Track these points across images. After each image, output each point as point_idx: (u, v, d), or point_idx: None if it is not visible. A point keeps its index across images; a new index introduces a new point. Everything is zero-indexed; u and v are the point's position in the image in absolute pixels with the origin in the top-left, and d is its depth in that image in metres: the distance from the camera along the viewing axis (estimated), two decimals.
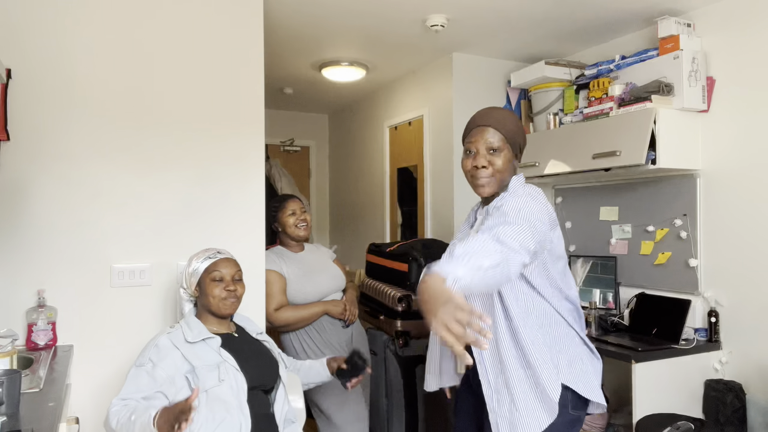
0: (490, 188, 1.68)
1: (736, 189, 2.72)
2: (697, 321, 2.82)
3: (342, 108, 5.47)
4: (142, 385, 1.73)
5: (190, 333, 1.84)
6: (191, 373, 1.76)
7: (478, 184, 1.69)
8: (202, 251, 1.98)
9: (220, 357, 1.82)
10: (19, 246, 2.18)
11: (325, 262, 2.71)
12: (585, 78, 3.23)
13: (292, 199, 2.68)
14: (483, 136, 1.66)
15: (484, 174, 1.66)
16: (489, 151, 1.66)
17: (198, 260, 1.94)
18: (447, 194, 3.74)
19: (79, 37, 2.28)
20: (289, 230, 2.62)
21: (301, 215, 2.63)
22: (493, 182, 1.67)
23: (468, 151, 1.70)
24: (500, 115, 1.69)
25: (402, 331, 3.06)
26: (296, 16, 3.03)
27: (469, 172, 1.70)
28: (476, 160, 1.67)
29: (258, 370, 1.88)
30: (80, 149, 2.28)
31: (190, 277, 1.93)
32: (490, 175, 1.66)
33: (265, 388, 1.91)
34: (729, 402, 2.57)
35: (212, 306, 1.89)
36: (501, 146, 1.66)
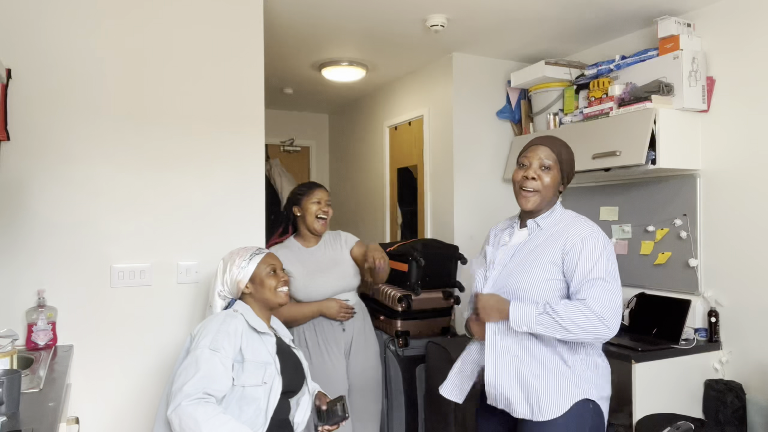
0: (533, 202, 1.80)
1: (736, 189, 2.72)
2: (697, 321, 2.82)
3: (342, 108, 5.47)
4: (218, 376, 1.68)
5: (254, 321, 1.85)
6: (239, 364, 1.75)
7: (523, 195, 1.81)
8: (240, 251, 1.96)
9: (270, 358, 1.81)
10: (19, 246, 2.18)
11: (338, 259, 2.59)
12: (585, 78, 3.23)
13: (320, 188, 2.57)
14: (538, 153, 1.81)
15: (532, 185, 1.79)
16: (541, 167, 1.80)
17: (244, 259, 1.92)
18: (447, 194, 3.74)
19: (79, 38, 2.28)
20: (308, 218, 2.52)
21: (324, 206, 2.54)
22: (537, 197, 1.79)
23: (521, 164, 1.84)
24: (558, 142, 1.85)
25: (402, 331, 3.06)
26: (296, 16, 3.03)
27: (518, 182, 1.83)
28: (527, 172, 1.80)
29: (291, 376, 1.88)
30: (80, 149, 2.28)
31: (236, 276, 1.90)
32: (537, 189, 1.79)
33: (290, 395, 1.91)
34: (729, 402, 2.57)
35: (270, 298, 1.90)
36: (552, 165, 1.80)
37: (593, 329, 1.62)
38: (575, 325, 1.61)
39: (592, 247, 1.70)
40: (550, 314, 1.63)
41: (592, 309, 1.62)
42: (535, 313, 1.65)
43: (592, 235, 1.73)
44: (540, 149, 1.81)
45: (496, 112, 3.80)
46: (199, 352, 1.70)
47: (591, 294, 1.64)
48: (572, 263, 1.70)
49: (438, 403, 2.86)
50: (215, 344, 1.72)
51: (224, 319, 1.80)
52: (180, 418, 1.60)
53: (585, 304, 1.63)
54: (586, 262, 1.68)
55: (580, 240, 1.72)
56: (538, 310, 1.65)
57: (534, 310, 1.66)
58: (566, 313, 1.62)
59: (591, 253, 1.69)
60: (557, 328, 1.63)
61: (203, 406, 1.62)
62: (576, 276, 1.69)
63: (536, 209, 1.81)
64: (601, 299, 1.63)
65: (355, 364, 2.53)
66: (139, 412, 2.35)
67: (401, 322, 3.06)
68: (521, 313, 1.66)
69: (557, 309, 1.63)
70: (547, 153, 1.80)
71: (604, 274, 1.67)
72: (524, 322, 1.66)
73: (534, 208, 1.81)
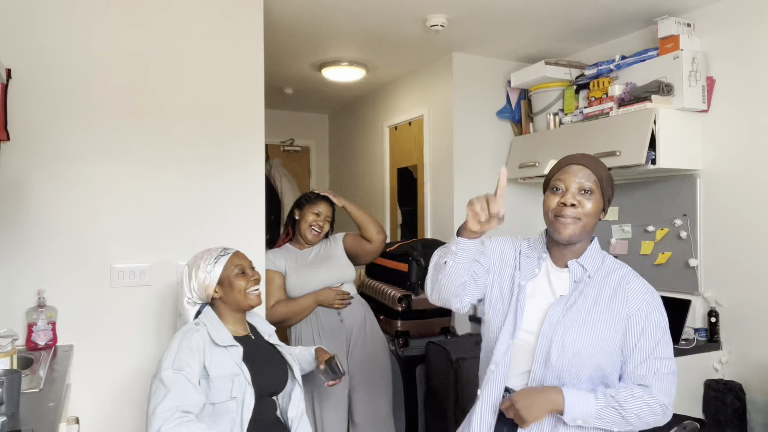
0: (572, 231, 1.46)
1: (736, 189, 2.72)
2: (697, 321, 2.82)
3: (342, 108, 5.47)
4: (188, 392, 1.64)
5: (217, 335, 1.77)
6: (205, 380, 1.70)
7: (559, 224, 1.47)
8: (204, 254, 1.89)
9: (237, 369, 1.75)
10: (19, 246, 2.18)
11: (331, 255, 2.65)
12: (585, 78, 3.23)
13: (326, 203, 2.65)
14: (576, 175, 1.48)
15: (571, 213, 1.46)
16: (580, 191, 1.48)
17: (209, 263, 1.85)
18: (447, 194, 3.74)
19: (79, 37, 2.28)
20: (302, 226, 2.61)
21: (321, 221, 2.61)
22: (578, 226, 1.47)
23: (555, 188, 1.50)
24: (595, 160, 1.53)
25: (402, 331, 3.06)
26: (296, 16, 3.03)
27: (553, 210, 1.49)
28: (564, 198, 1.47)
29: (270, 379, 1.85)
30: (80, 149, 2.28)
31: (204, 281, 1.84)
32: (577, 216, 1.46)
33: (275, 394, 1.90)
34: (729, 402, 2.57)
35: (241, 301, 1.83)
36: (593, 189, 1.48)
37: (654, 422, 1.42)
38: (638, 418, 1.40)
39: (658, 316, 1.45)
40: (616, 408, 1.38)
41: (658, 401, 1.41)
42: (595, 406, 1.38)
43: (655, 299, 1.47)
44: (577, 170, 1.49)
45: (496, 112, 3.80)
46: (163, 375, 1.64)
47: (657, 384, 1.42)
48: (635, 334, 1.44)
49: (438, 403, 2.86)
50: (178, 363, 1.67)
51: (184, 335, 1.75)
52: None
53: (651, 395, 1.40)
54: (651, 337, 1.44)
55: (646, 305, 1.45)
56: (598, 403, 1.38)
57: (593, 401, 1.38)
58: (632, 408, 1.39)
59: (656, 326, 1.45)
60: (619, 422, 1.40)
61: (185, 426, 1.58)
62: (638, 352, 1.43)
63: (575, 240, 1.49)
64: (666, 390, 1.42)
65: (355, 359, 2.54)
66: (139, 412, 2.34)
67: (401, 322, 3.06)
68: (580, 405, 1.38)
69: (622, 402, 1.38)
70: (587, 174, 1.48)
71: (668, 353, 1.44)
72: (581, 415, 1.38)
73: (572, 237, 1.47)
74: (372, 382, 2.58)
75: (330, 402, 2.45)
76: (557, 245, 1.53)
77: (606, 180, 1.52)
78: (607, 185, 1.52)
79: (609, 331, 1.43)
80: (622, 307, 1.45)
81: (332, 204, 2.67)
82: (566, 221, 1.46)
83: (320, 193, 2.70)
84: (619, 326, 1.44)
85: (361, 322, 2.61)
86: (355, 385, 2.55)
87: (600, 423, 1.40)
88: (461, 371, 2.71)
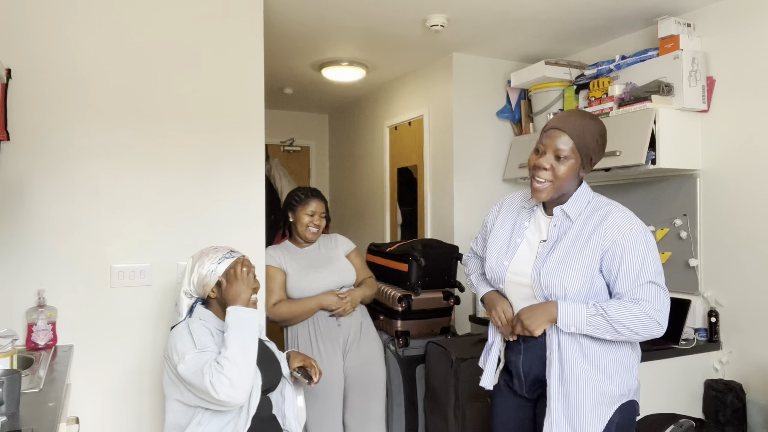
0: (545, 194, 1.68)
1: (736, 189, 2.72)
2: (697, 321, 2.82)
3: (342, 108, 5.47)
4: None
5: (215, 322, 1.81)
6: None
7: (533, 187, 1.70)
8: (211, 251, 1.89)
9: None
10: (19, 246, 2.18)
11: (333, 257, 2.63)
12: (585, 78, 3.23)
13: (317, 199, 2.60)
14: (555, 140, 1.66)
15: (544, 176, 1.67)
16: (556, 156, 1.66)
17: (213, 261, 1.85)
18: (447, 194, 3.74)
19: (79, 37, 2.28)
20: (299, 228, 2.58)
21: (317, 219, 2.58)
22: (549, 189, 1.67)
23: (537, 149, 1.71)
24: (579, 124, 1.66)
25: (402, 331, 3.06)
26: (296, 16, 3.03)
27: (530, 168, 1.71)
28: (540, 160, 1.67)
29: (266, 375, 1.86)
30: (80, 149, 2.28)
31: (204, 278, 1.84)
32: (548, 179, 1.66)
33: (269, 391, 1.91)
34: (729, 402, 2.57)
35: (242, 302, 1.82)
36: (569, 155, 1.65)
37: (646, 332, 1.58)
38: (626, 327, 1.57)
39: (635, 244, 1.60)
40: (603, 316, 1.57)
41: (646, 312, 1.57)
42: (585, 314, 1.59)
43: (634, 230, 1.62)
44: (558, 135, 1.65)
45: (496, 112, 3.80)
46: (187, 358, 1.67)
47: (645, 297, 1.58)
48: (614, 265, 1.61)
49: (438, 403, 2.86)
50: (201, 345, 1.71)
51: (188, 326, 1.77)
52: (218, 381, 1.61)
53: (639, 307, 1.57)
54: (631, 265, 1.59)
55: (621, 237, 1.61)
56: (589, 311, 1.59)
57: (584, 310, 1.60)
58: (620, 316, 1.56)
59: (634, 251, 1.60)
60: (608, 329, 1.58)
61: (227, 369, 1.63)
62: (622, 279, 1.60)
63: (549, 200, 1.71)
64: (654, 303, 1.58)
65: (351, 361, 2.54)
66: (139, 412, 2.35)
67: (401, 322, 3.06)
68: (571, 314, 1.60)
69: (609, 311, 1.57)
70: (565, 140, 1.64)
71: (654, 276, 1.59)
72: (573, 323, 1.60)
73: (546, 200, 1.71)
74: (367, 384, 2.58)
75: (325, 403, 2.45)
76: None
77: (587, 142, 1.66)
78: (589, 146, 1.66)
79: (586, 267, 1.62)
80: (599, 243, 1.63)
81: (323, 198, 2.64)
82: (539, 186, 1.68)
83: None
84: (594, 262, 1.62)
85: (357, 326, 2.61)
86: (349, 386, 2.55)
87: (590, 330, 1.59)
88: (461, 371, 2.71)
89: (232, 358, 1.64)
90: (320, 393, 2.43)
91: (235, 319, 1.71)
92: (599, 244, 1.63)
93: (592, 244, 1.63)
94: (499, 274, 1.79)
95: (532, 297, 1.72)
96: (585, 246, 1.64)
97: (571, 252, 1.65)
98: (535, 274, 1.69)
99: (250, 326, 1.72)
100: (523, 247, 1.77)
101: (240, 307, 1.74)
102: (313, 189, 2.66)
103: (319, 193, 2.64)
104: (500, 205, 1.94)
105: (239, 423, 1.73)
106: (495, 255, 1.83)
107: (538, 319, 1.65)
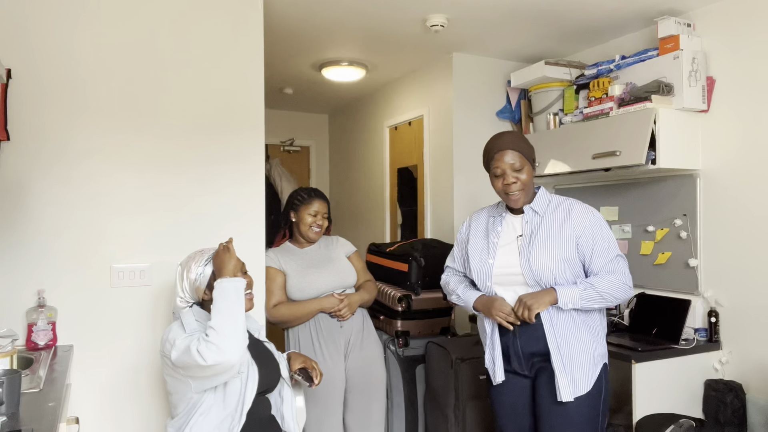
0: (522, 200, 2.05)
1: (736, 189, 2.72)
2: (697, 321, 2.82)
3: (342, 108, 5.47)
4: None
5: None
6: None
7: (511, 199, 2.05)
8: (197, 255, 1.90)
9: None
10: (19, 246, 2.18)
11: (333, 257, 2.63)
12: (585, 78, 3.23)
13: (320, 199, 2.60)
14: (506, 159, 2.01)
15: (515, 189, 2.02)
16: (513, 171, 2.01)
17: (200, 264, 1.85)
18: (447, 194, 3.74)
19: (79, 37, 2.29)
20: (302, 227, 2.57)
21: (320, 219, 2.57)
22: (523, 195, 2.05)
23: (495, 175, 2.05)
24: (512, 138, 2.04)
25: (402, 331, 3.06)
26: (296, 16, 3.03)
27: (501, 191, 2.06)
28: (506, 179, 2.02)
29: (264, 374, 1.86)
30: (80, 149, 2.28)
31: (194, 282, 1.84)
32: (520, 189, 2.03)
33: (268, 392, 1.91)
34: (729, 402, 2.57)
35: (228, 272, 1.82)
36: (522, 164, 2.02)
37: (623, 295, 2.00)
38: (611, 294, 1.97)
39: (600, 228, 2.02)
40: (593, 289, 1.95)
41: (622, 280, 1.99)
42: (579, 291, 1.95)
43: (595, 217, 2.04)
44: (505, 155, 2.01)
45: (496, 112, 3.80)
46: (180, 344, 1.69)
47: (617, 269, 2.00)
48: (588, 247, 2.00)
49: (438, 403, 2.86)
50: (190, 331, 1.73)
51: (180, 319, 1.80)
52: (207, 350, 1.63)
53: (615, 276, 1.98)
54: (601, 245, 2.00)
55: (589, 224, 2.02)
56: (580, 287, 1.96)
57: (577, 288, 1.96)
58: (604, 286, 1.96)
59: (601, 234, 2.01)
60: (597, 299, 1.96)
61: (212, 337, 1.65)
62: (597, 257, 2.00)
63: (526, 202, 2.08)
64: (624, 271, 2.01)
65: (352, 362, 2.54)
66: (139, 412, 2.35)
67: (401, 322, 3.06)
68: (568, 293, 1.95)
69: (596, 284, 1.96)
70: (514, 155, 2.01)
71: (616, 249, 2.03)
72: (570, 300, 1.95)
73: (525, 203, 2.07)
74: (367, 386, 2.57)
75: (326, 404, 2.45)
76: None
77: (528, 151, 2.04)
78: (530, 154, 2.06)
79: (566, 252, 2.00)
80: (572, 231, 2.01)
81: (326, 199, 2.64)
82: (514, 196, 2.03)
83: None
84: (571, 245, 2.01)
85: (359, 327, 2.60)
86: (350, 388, 2.55)
87: (583, 303, 1.96)
88: (461, 371, 2.71)
89: (218, 326, 1.65)
90: (321, 394, 2.43)
91: (219, 290, 1.73)
92: (573, 233, 2.01)
93: (566, 233, 2.01)
94: (486, 271, 2.09)
95: (521, 284, 2.04)
96: (559, 235, 2.01)
97: (548, 240, 2.01)
98: (524, 262, 2.02)
99: (236, 292, 1.73)
100: (502, 244, 2.09)
101: (224, 279, 1.75)
102: (316, 189, 2.66)
103: (322, 194, 2.64)
104: (468, 222, 2.27)
105: (235, 417, 1.74)
106: (478, 257, 2.14)
107: (540, 300, 1.96)
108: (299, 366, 2.08)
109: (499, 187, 2.05)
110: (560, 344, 1.99)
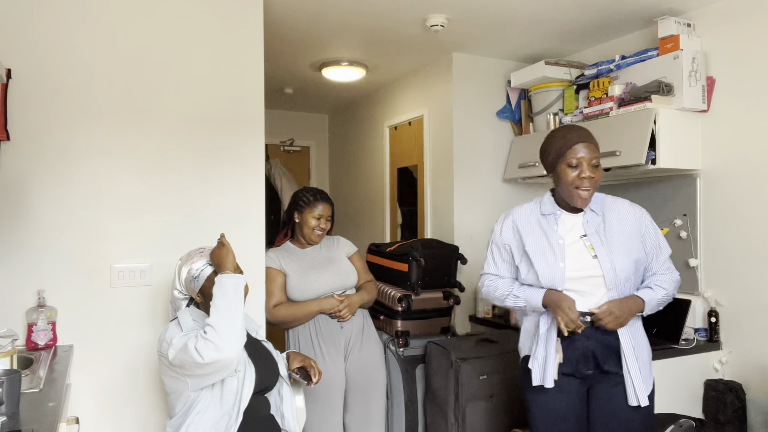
0: (590, 199, 1.93)
1: (736, 189, 2.72)
2: (697, 321, 2.82)
3: (342, 108, 5.47)
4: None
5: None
6: None
7: (581, 196, 1.90)
8: (196, 254, 1.91)
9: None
10: (19, 246, 2.18)
11: (334, 258, 2.62)
12: (585, 78, 3.23)
13: (325, 202, 2.58)
14: (587, 152, 1.89)
15: (589, 185, 1.89)
16: (591, 166, 1.89)
17: (197, 263, 1.86)
18: (447, 194, 3.74)
19: (79, 37, 2.28)
20: (305, 230, 2.56)
21: (324, 223, 2.56)
22: (591, 194, 1.93)
23: (570, 164, 1.90)
24: (590, 133, 1.95)
25: (402, 331, 3.06)
26: (296, 16, 3.03)
27: (572, 183, 1.90)
28: (583, 172, 1.88)
29: (262, 374, 1.87)
30: (80, 149, 2.28)
31: (191, 281, 1.86)
32: (592, 186, 1.90)
33: (266, 391, 1.91)
34: (729, 402, 2.57)
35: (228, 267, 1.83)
36: (598, 161, 1.92)
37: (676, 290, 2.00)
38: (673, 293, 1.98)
39: (653, 225, 2.01)
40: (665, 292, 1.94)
41: (675, 277, 2.00)
42: (654, 295, 1.92)
43: (645, 211, 2.02)
44: (589, 147, 1.90)
45: (496, 112, 3.80)
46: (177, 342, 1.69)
47: (671, 266, 2.01)
48: (653, 243, 1.98)
49: (438, 403, 2.86)
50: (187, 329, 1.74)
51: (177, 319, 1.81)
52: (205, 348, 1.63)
53: (672, 275, 1.99)
54: (656, 240, 1.99)
55: (646, 219, 1.99)
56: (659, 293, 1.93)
57: (655, 294, 1.93)
58: (672, 288, 1.97)
59: (656, 231, 2.00)
60: (665, 299, 1.95)
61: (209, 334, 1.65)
62: (659, 254, 1.98)
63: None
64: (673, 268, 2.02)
65: (352, 362, 2.54)
66: (139, 412, 2.35)
67: (401, 322, 3.06)
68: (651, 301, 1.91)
69: (665, 286, 1.94)
70: (593, 149, 1.90)
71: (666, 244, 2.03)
72: (651, 307, 1.92)
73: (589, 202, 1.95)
74: (367, 386, 2.57)
75: (326, 404, 2.45)
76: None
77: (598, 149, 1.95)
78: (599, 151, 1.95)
79: (637, 250, 1.93)
80: (636, 229, 1.96)
81: (331, 202, 2.64)
82: (584, 194, 1.89)
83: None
84: (639, 244, 1.95)
85: (359, 328, 2.60)
86: (350, 388, 2.54)
87: (658, 307, 1.95)
88: (461, 371, 2.71)
89: (216, 324, 1.65)
90: (321, 394, 2.43)
91: (218, 286, 1.73)
92: (637, 231, 1.95)
93: (632, 232, 1.95)
94: (558, 276, 1.92)
95: (600, 286, 1.90)
96: (628, 234, 1.94)
97: (620, 240, 1.92)
98: (608, 265, 1.89)
99: (235, 289, 1.73)
100: (569, 246, 1.94)
101: (224, 274, 1.76)
102: (321, 191, 2.64)
103: (327, 197, 2.62)
104: (511, 223, 2.07)
105: (232, 416, 1.74)
106: (545, 262, 1.94)
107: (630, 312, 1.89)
108: (298, 365, 2.08)
109: (571, 179, 1.89)
110: (635, 346, 1.92)
